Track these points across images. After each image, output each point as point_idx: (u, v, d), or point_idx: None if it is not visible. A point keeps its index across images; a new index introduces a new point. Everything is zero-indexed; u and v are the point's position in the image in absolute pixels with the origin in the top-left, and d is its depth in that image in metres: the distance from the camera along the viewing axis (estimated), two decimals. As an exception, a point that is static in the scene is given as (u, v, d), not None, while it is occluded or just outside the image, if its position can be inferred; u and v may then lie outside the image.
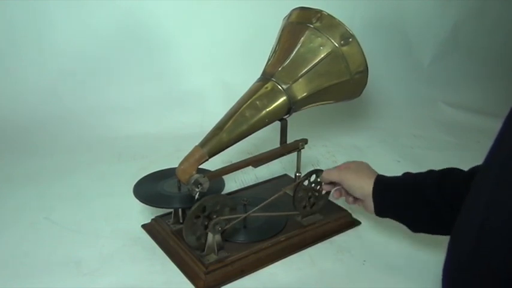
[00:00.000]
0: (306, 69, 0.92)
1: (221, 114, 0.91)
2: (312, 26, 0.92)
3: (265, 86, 0.92)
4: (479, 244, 0.49)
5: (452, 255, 0.55)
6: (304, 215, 0.98)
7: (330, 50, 0.91)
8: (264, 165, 0.95)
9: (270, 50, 0.99)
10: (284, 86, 0.91)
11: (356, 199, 0.88)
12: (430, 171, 0.80)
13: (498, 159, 0.51)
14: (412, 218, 0.80)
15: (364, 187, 0.83)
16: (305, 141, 0.99)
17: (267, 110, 0.90)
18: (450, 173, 0.77)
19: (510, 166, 0.47)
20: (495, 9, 1.90)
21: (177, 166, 0.86)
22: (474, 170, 0.74)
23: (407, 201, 0.79)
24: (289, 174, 1.19)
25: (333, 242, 0.96)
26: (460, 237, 0.54)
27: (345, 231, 1.00)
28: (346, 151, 1.41)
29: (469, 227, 0.52)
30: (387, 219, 0.84)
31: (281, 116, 0.94)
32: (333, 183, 0.92)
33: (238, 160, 0.93)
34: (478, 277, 0.50)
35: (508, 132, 0.50)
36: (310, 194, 0.98)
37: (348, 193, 0.89)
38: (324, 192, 0.99)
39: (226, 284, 0.84)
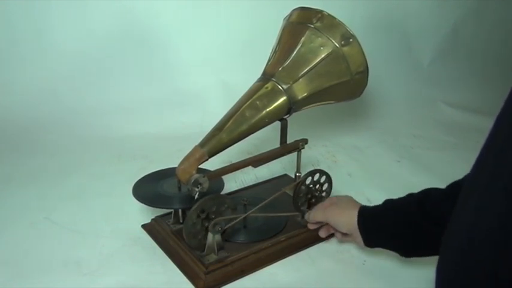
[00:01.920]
0: (306, 70, 0.92)
1: (221, 114, 0.91)
2: (312, 26, 0.92)
3: (266, 86, 0.92)
4: (470, 245, 0.50)
5: (444, 255, 0.56)
6: (304, 215, 0.98)
7: (330, 50, 0.92)
8: (264, 165, 0.95)
9: (270, 50, 0.99)
10: (284, 86, 0.91)
11: (344, 234, 0.88)
12: (410, 195, 0.81)
13: (488, 162, 0.51)
14: (400, 245, 0.81)
15: (349, 222, 0.84)
16: (305, 141, 0.99)
17: (267, 110, 0.90)
18: (429, 193, 0.78)
19: (499, 170, 0.47)
20: (494, 10, 1.90)
21: (177, 166, 0.86)
22: (453, 185, 0.75)
23: (392, 230, 0.80)
24: (289, 174, 1.19)
25: (333, 242, 0.96)
26: (452, 237, 0.55)
27: (345, 231, 1.00)
28: (346, 151, 1.41)
29: (460, 227, 0.53)
30: None
31: (281, 116, 0.94)
32: (318, 222, 0.92)
33: (238, 160, 0.93)
34: (470, 278, 0.50)
35: (496, 138, 0.51)
36: (310, 194, 0.97)
37: (336, 229, 0.89)
38: (323, 194, 0.99)
39: (226, 284, 0.84)
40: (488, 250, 0.47)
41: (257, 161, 0.93)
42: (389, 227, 0.80)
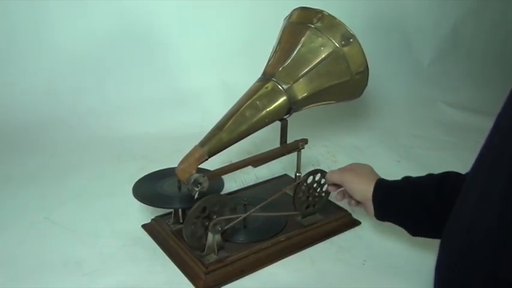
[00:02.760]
0: (306, 70, 0.92)
1: (221, 114, 0.91)
2: (312, 26, 0.92)
3: (266, 86, 0.92)
4: (468, 244, 0.50)
5: (443, 254, 0.56)
6: (304, 215, 0.98)
7: (330, 50, 0.91)
8: (264, 165, 0.95)
9: (271, 50, 0.99)
10: (284, 86, 0.91)
11: (358, 202, 0.88)
12: (429, 175, 0.80)
13: (487, 162, 0.51)
14: (412, 221, 0.80)
15: (365, 190, 0.83)
16: (305, 141, 0.99)
17: (267, 110, 0.90)
18: (449, 176, 0.77)
19: (497, 170, 0.47)
20: (494, 10, 1.90)
21: (176, 166, 0.86)
22: None
23: (406, 205, 0.79)
24: (289, 174, 1.19)
25: (333, 242, 0.96)
26: (451, 236, 0.54)
27: (345, 231, 1.00)
28: (346, 151, 1.41)
29: (459, 227, 0.53)
30: None
31: (281, 116, 0.94)
32: (336, 185, 0.92)
33: (238, 160, 0.93)
34: (468, 277, 0.50)
35: (495, 138, 0.51)
36: (310, 194, 0.98)
37: (350, 196, 0.89)
38: (324, 193, 0.99)
39: (226, 284, 0.84)
40: (488, 250, 0.47)
41: (257, 161, 0.93)
42: (404, 204, 0.79)
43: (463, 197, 0.55)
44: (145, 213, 1.03)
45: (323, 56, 0.92)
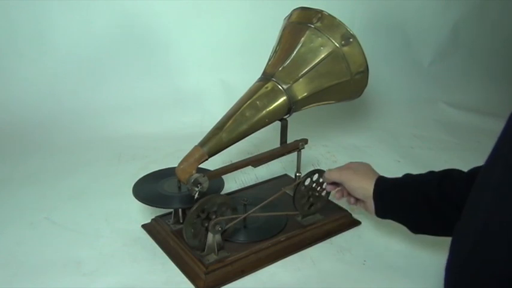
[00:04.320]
0: (306, 69, 0.92)
1: (221, 114, 0.91)
2: (312, 26, 0.92)
3: (266, 85, 0.92)
4: (481, 244, 0.49)
5: (454, 255, 0.55)
6: (304, 215, 0.98)
7: (330, 50, 0.91)
8: (264, 165, 0.95)
9: (270, 50, 0.99)
10: (284, 86, 0.91)
11: (357, 200, 0.88)
12: (431, 172, 0.80)
13: (501, 159, 0.50)
14: (412, 219, 0.80)
15: (365, 188, 0.83)
16: (305, 141, 0.99)
17: (267, 109, 0.90)
18: (450, 174, 0.77)
19: None
20: (495, 9, 1.90)
21: (176, 166, 0.86)
22: (474, 171, 0.74)
23: (407, 202, 0.79)
24: (289, 174, 1.19)
25: (333, 242, 0.96)
26: (463, 237, 0.54)
27: (345, 231, 1.00)
28: (346, 151, 1.41)
29: (472, 227, 0.52)
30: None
31: (281, 115, 0.94)
32: (335, 184, 0.92)
33: (238, 160, 0.93)
34: (480, 277, 0.50)
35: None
36: (310, 194, 0.97)
37: (349, 194, 0.89)
38: (324, 192, 0.99)
39: (226, 284, 0.84)
40: (502, 250, 0.47)
41: (257, 161, 0.93)
42: (405, 201, 0.79)
43: (475, 195, 0.54)
44: (145, 213, 1.03)
45: (323, 56, 0.92)
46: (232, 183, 1.17)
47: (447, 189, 0.74)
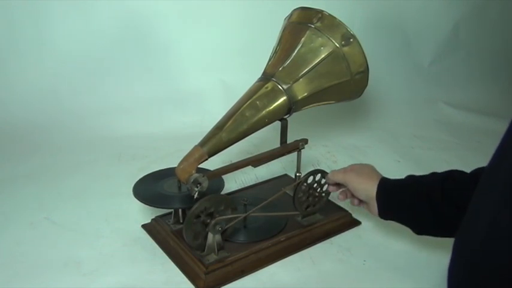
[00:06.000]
0: (306, 70, 0.92)
1: (221, 114, 0.91)
2: (312, 26, 0.92)
3: (266, 85, 0.92)
4: (487, 244, 0.49)
5: (458, 255, 0.55)
6: (304, 215, 0.98)
7: (330, 50, 0.91)
8: (264, 165, 0.95)
9: (270, 50, 0.99)
10: (284, 86, 0.91)
11: (361, 201, 0.88)
12: (433, 174, 0.80)
13: (509, 158, 0.50)
14: (416, 220, 0.80)
15: (369, 189, 0.83)
16: (305, 141, 0.99)
17: (267, 109, 0.90)
18: (453, 175, 0.77)
19: None
20: (496, 9, 1.90)
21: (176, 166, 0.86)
22: (477, 172, 0.74)
23: (410, 203, 0.79)
24: (289, 174, 1.19)
25: (333, 242, 0.96)
26: (467, 237, 0.54)
27: (345, 231, 1.00)
28: (346, 151, 1.41)
29: (477, 227, 0.52)
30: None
31: (281, 115, 0.94)
32: (338, 185, 0.92)
33: (238, 160, 0.93)
34: (485, 277, 0.50)
35: None
36: (310, 194, 0.97)
37: (353, 195, 0.89)
38: (323, 194, 0.99)
39: (226, 284, 0.84)
40: (507, 252, 0.47)
41: (257, 161, 0.93)
42: (408, 202, 0.79)
43: (479, 194, 0.54)
44: (145, 213, 1.03)
45: (323, 56, 0.92)
46: (232, 183, 1.17)
47: (450, 190, 0.74)
